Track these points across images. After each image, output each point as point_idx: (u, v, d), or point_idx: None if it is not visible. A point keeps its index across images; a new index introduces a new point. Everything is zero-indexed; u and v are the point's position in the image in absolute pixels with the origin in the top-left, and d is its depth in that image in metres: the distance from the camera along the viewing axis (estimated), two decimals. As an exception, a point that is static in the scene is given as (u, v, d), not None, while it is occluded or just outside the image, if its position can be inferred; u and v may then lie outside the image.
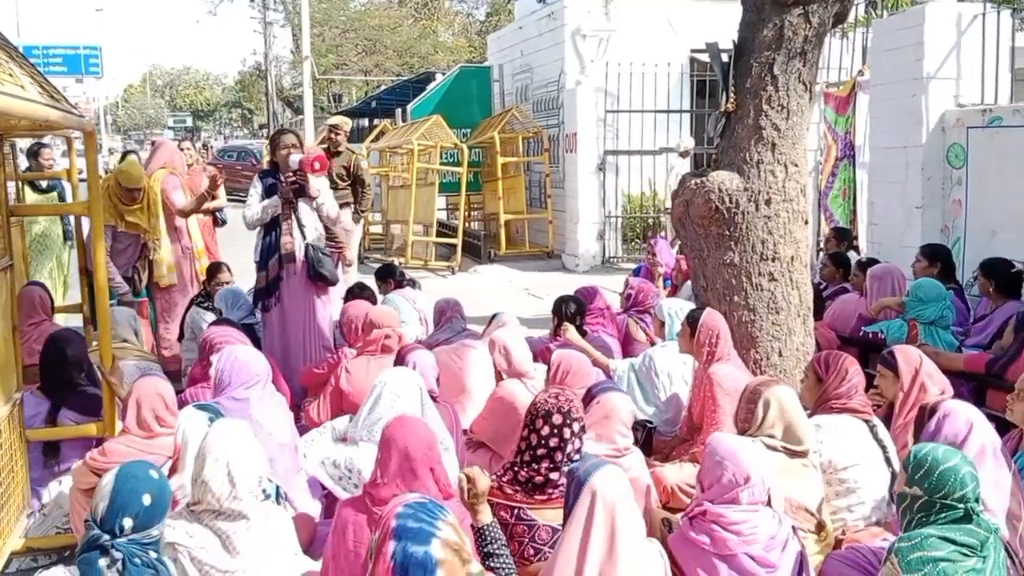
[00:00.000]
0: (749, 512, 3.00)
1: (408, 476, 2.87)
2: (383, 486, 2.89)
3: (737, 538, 2.97)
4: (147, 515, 2.42)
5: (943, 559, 2.51)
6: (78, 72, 36.00)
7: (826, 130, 9.81)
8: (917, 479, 2.66)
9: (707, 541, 2.99)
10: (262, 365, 4.23)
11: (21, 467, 4.06)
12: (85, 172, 4.45)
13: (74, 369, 4.42)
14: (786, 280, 4.93)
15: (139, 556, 2.40)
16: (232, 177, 27.78)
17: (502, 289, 11.53)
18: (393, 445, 2.93)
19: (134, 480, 2.44)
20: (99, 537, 2.36)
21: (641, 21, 12.95)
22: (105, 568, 2.35)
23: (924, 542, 2.55)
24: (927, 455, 2.68)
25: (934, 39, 7.53)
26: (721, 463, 3.04)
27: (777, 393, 3.59)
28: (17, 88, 3.08)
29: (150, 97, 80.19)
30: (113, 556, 2.36)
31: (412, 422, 3.07)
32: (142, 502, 2.42)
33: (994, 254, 6.25)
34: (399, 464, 2.89)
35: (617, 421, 3.76)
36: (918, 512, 2.66)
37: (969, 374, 4.91)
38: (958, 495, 2.60)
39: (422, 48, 37.80)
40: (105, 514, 2.39)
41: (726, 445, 3.10)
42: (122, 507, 2.39)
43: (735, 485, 3.00)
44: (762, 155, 4.89)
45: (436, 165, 13.30)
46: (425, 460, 2.92)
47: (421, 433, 3.00)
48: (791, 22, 4.79)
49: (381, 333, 5.00)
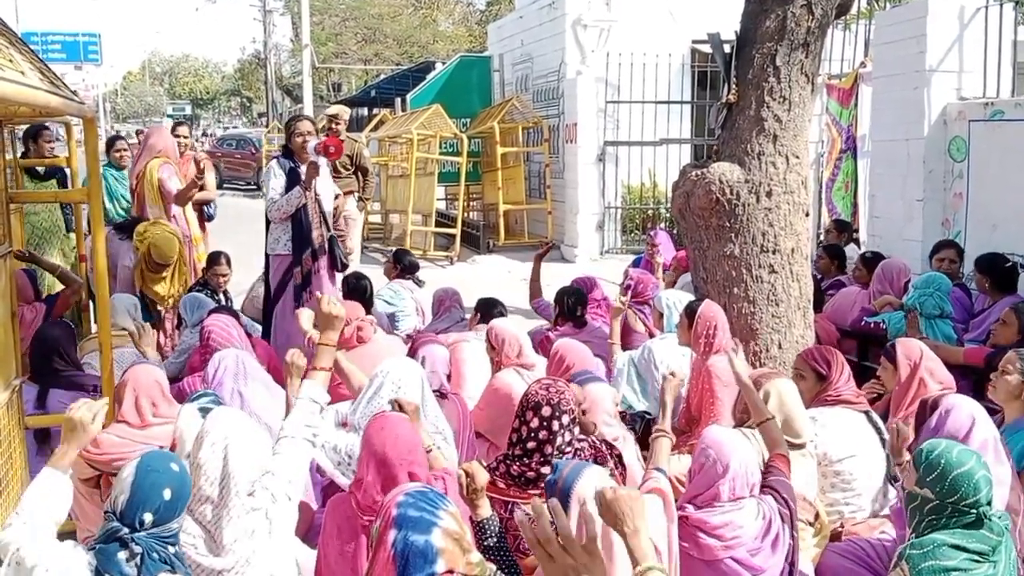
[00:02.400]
0: (731, 512, 2.98)
1: (388, 482, 2.79)
2: (363, 492, 2.83)
3: (720, 543, 2.96)
4: (167, 510, 2.41)
5: (955, 568, 2.46)
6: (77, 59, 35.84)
7: (829, 122, 9.79)
8: (929, 481, 2.59)
9: (691, 547, 2.98)
10: (252, 361, 4.25)
11: (20, 454, 4.05)
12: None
13: (52, 353, 4.51)
14: (786, 272, 4.93)
15: (158, 551, 2.39)
16: (231, 166, 27.82)
17: (501, 279, 11.51)
18: (373, 448, 2.86)
19: (155, 474, 2.42)
20: (119, 530, 2.36)
21: (642, 11, 12.90)
22: (124, 561, 2.34)
23: (936, 550, 2.49)
24: (940, 456, 2.60)
25: (937, 32, 7.51)
26: (705, 451, 3.05)
27: (777, 385, 3.59)
28: (17, 74, 3.06)
29: (149, 85, 79.99)
30: (133, 550, 2.35)
31: (394, 423, 2.96)
32: (162, 496, 2.40)
33: (995, 248, 6.25)
34: (377, 469, 2.83)
35: (600, 411, 3.74)
36: (928, 515, 2.59)
37: (968, 367, 4.91)
38: (970, 501, 2.54)
39: (422, 37, 37.73)
40: (125, 508, 2.38)
41: (713, 435, 3.11)
42: (142, 502, 2.38)
43: (716, 476, 3.00)
44: (763, 146, 4.88)
45: (435, 155, 13.27)
46: (403, 465, 2.83)
47: (401, 435, 2.90)
48: (794, 13, 4.78)
49: (353, 328, 4.97)
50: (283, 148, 6.10)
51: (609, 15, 12.90)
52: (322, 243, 5.83)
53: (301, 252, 5.77)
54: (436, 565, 2.25)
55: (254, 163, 25.98)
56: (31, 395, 4.36)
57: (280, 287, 5.89)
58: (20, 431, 4.06)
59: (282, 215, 5.74)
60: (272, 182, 5.80)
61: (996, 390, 3.78)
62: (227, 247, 7.03)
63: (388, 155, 15.35)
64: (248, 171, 26.88)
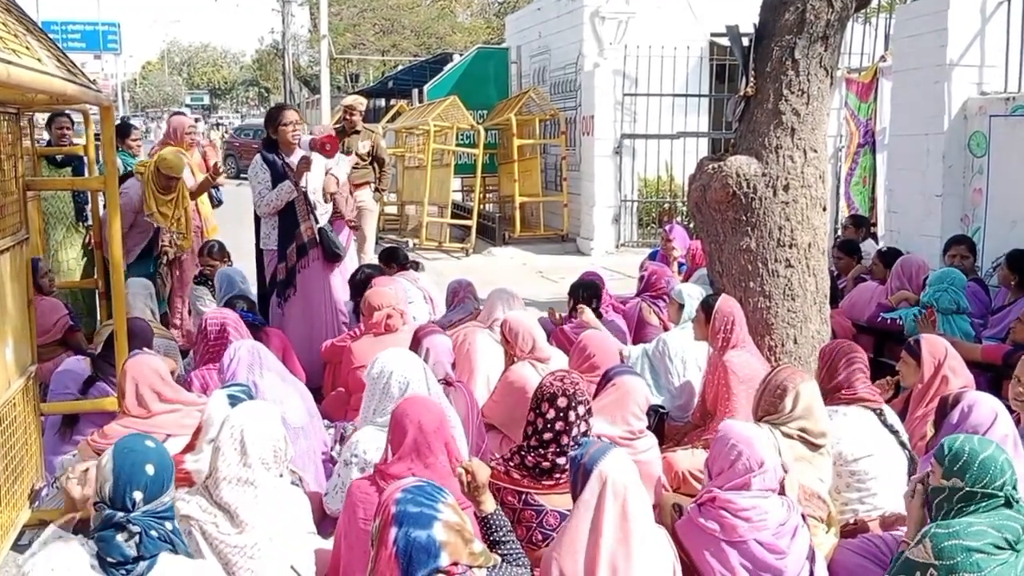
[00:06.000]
0: (759, 498, 2.99)
1: (424, 450, 2.89)
2: (395, 463, 2.89)
3: (747, 524, 2.96)
4: (154, 484, 2.42)
5: (978, 550, 2.48)
6: (97, 48, 36.07)
7: (848, 116, 9.72)
8: (956, 471, 2.64)
9: (716, 527, 2.99)
10: (267, 352, 4.28)
11: (35, 440, 4.08)
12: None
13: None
14: (803, 267, 4.89)
15: (156, 528, 2.40)
16: (247, 156, 27.91)
17: (516, 271, 11.51)
18: (407, 420, 2.94)
19: (133, 454, 2.43)
20: (113, 516, 2.36)
21: (661, 4, 12.84)
22: (123, 543, 2.35)
23: (963, 530, 2.53)
24: (963, 446, 2.67)
25: (958, 26, 7.44)
26: (736, 448, 3.03)
27: (806, 388, 3.57)
28: (34, 61, 3.08)
29: (168, 74, 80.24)
30: (130, 531, 2.36)
31: (423, 399, 3.10)
32: (146, 472, 2.41)
33: (1015, 244, 6.19)
34: (414, 438, 2.90)
35: (632, 403, 3.76)
36: (957, 503, 2.64)
37: (986, 365, 4.87)
38: (999, 483, 2.60)
39: (440, 29, 37.68)
40: (112, 492, 2.38)
41: (741, 432, 3.09)
42: (128, 482, 2.38)
43: (749, 470, 3.00)
44: (781, 140, 4.84)
45: (452, 146, 13.28)
46: (439, 434, 2.94)
47: (433, 409, 3.03)
48: (813, 6, 4.73)
49: (383, 314, 5.05)
50: (265, 141, 5.93)
51: (627, 7, 12.85)
52: (311, 236, 5.80)
53: (285, 247, 5.77)
54: (440, 559, 2.25)
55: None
56: (82, 376, 4.47)
57: (272, 281, 5.94)
58: (36, 417, 4.09)
59: (271, 210, 5.73)
60: (259, 176, 5.76)
61: (1015, 400, 3.76)
62: (243, 236, 7.07)
63: (405, 146, 15.34)
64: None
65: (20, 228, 4.02)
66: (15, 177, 3.98)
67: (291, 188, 5.67)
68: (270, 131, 5.87)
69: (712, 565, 2.98)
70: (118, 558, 2.34)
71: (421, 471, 2.82)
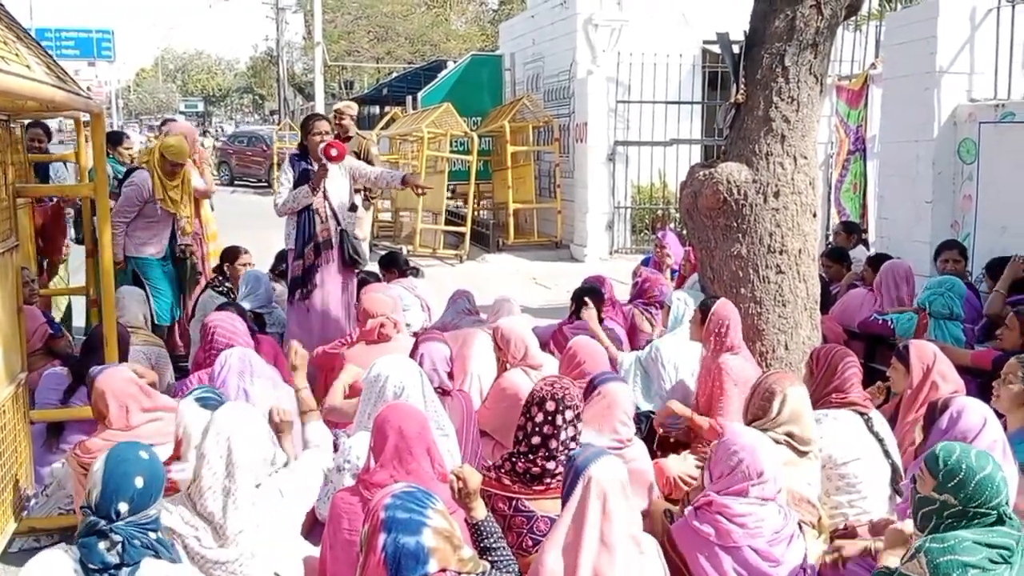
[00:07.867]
0: (755, 505, 2.99)
1: (406, 456, 2.88)
2: (378, 471, 2.88)
3: (742, 530, 2.96)
4: (141, 497, 2.41)
5: (974, 565, 2.42)
6: (90, 55, 36.00)
7: (838, 123, 9.75)
8: (950, 487, 2.54)
9: (711, 532, 2.99)
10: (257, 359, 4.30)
11: (25, 447, 4.07)
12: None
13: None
14: (793, 273, 4.91)
15: (139, 538, 2.40)
16: (242, 162, 27.94)
17: (510, 278, 11.51)
18: (388, 426, 2.94)
19: (125, 463, 2.43)
20: (96, 523, 2.36)
21: (654, 11, 12.88)
22: (105, 551, 2.35)
23: (957, 545, 2.46)
24: (959, 462, 2.55)
25: (947, 33, 7.47)
26: (737, 455, 3.03)
27: (794, 392, 3.58)
28: (23, 68, 3.08)
29: (162, 81, 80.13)
30: (112, 539, 2.36)
31: (404, 406, 3.11)
32: (135, 485, 2.41)
33: (1004, 250, 6.21)
34: (395, 444, 2.89)
35: (619, 411, 3.75)
36: (947, 519, 2.55)
37: (976, 370, 4.88)
38: (993, 503, 2.52)
39: (434, 36, 37.72)
40: (99, 500, 2.38)
41: (745, 438, 3.09)
42: (115, 492, 2.38)
43: (747, 479, 3.00)
44: (771, 147, 4.86)
45: (446, 153, 13.27)
46: (421, 439, 2.93)
47: (414, 415, 3.03)
48: (803, 13, 4.76)
49: (376, 322, 5.05)
50: (299, 146, 6.26)
51: (620, 15, 12.88)
52: (328, 238, 5.93)
53: (303, 247, 5.93)
54: (428, 565, 2.25)
55: (265, 160, 26.08)
56: (63, 385, 4.48)
57: (291, 279, 6.10)
58: (25, 424, 4.08)
59: (287, 211, 5.93)
60: (282, 178, 6.04)
61: (999, 399, 3.75)
62: (237, 242, 7.07)
63: (399, 153, 15.34)
64: (259, 168, 26.99)
65: (10, 235, 4.01)
66: (5, 184, 3.98)
67: (307, 193, 5.86)
68: (303, 138, 6.17)
69: (705, 569, 2.98)
70: (99, 565, 2.34)
71: (403, 478, 2.80)
